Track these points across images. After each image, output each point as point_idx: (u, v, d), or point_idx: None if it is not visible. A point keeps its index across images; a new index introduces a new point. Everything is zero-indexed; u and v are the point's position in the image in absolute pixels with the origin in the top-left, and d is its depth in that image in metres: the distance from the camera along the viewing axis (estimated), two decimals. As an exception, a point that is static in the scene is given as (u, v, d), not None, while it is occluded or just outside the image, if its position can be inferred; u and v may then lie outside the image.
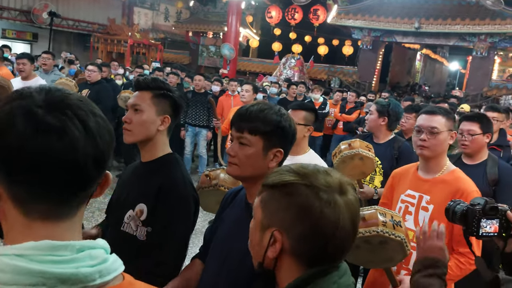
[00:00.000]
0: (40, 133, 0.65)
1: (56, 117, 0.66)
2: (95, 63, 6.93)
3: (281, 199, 0.96)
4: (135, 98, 1.80)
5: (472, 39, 16.25)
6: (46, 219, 0.70)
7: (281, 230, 0.95)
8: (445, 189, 2.15)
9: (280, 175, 0.99)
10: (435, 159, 2.24)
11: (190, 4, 22.49)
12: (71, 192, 0.70)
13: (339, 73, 19.45)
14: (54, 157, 0.65)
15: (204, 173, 2.29)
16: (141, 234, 1.72)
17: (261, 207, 1.01)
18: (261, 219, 0.99)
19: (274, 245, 0.96)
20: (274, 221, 0.97)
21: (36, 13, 16.28)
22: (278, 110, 1.49)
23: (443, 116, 2.23)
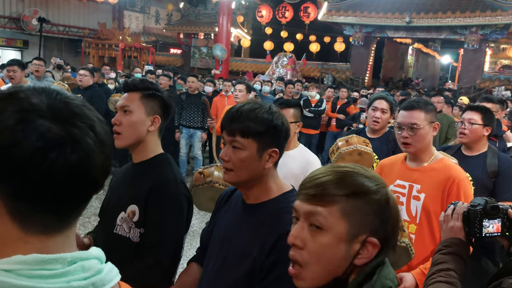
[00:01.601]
0: (50, 148, 0.60)
1: (66, 129, 0.62)
2: (86, 67, 6.88)
3: (369, 204, 0.95)
4: (124, 99, 1.78)
5: (463, 32, 16.32)
6: (45, 232, 0.66)
7: (372, 235, 0.96)
8: (436, 177, 2.14)
9: (369, 183, 0.97)
10: (422, 152, 2.23)
11: (180, 6, 22.46)
12: (79, 204, 0.68)
13: (332, 70, 19.48)
14: (68, 171, 0.62)
15: (198, 171, 2.27)
16: (134, 235, 1.71)
17: (343, 218, 0.94)
18: (346, 230, 0.94)
19: (366, 251, 0.95)
20: (363, 229, 0.95)
21: (25, 20, 16.20)
22: (269, 108, 1.44)
23: (422, 110, 2.20)
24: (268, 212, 1.43)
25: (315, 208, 0.96)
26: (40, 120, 0.61)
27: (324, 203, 0.96)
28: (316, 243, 0.96)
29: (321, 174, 0.99)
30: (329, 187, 0.96)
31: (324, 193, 0.96)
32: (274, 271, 1.33)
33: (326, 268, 0.96)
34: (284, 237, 1.33)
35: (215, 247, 1.54)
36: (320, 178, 0.98)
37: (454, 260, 1.39)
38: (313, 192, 0.97)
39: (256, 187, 1.45)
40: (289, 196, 1.48)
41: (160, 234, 1.66)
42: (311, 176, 1.01)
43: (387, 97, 3.39)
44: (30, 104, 0.62)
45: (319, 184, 0.97)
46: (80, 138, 0.63)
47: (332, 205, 0.95)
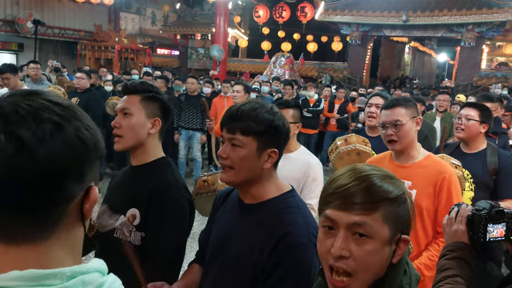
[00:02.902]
0: None
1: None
2: (83, 70, 6.85)
3: (401, 206, 1.00)
4: (124, 102, 1.77)
5: (460, 30, 16.36)
6: (18, 243, 0.63)
7: (403, 233, 1.02)
8: (426, 173, 2.18)
9: (394, 186, 1.00)
10: (408, 148, 2.27)
11: (176, 7, 22.42)
12: (37, 208, 0.63)
13: (329, 70, 19.49)
14: (9, 172, 0.59)
15: (202, 178, 2.24)
16: (135, 239, 1.69)
17: (385, 222, 0.98)
18: (388, 234, 0.98)
19: (399, 249, 1.01)
20: (398, 229, 1.00)
21: (20, 23, 16.14)
22: (271, 108, 1.44)
23: (402, 106, 2.25)
24: (267, 213, 1.42)
25: (357, 218, 0.96)
26: None
27: (365, 211, 0.96)
28: (363, 251, 0.97)
29: (348, 184, 0.98)
30: (365, 196, 0.97)
31: (362, 201, 0.96)
32: (276, 272, 1.33)
33: (374, 272, 0.99)
34: (285, 238, 1.34)
35: (214, 248, 1.54)
36: (349, 188, 0.98)
37: (459, 265, 1.38)
38: (349, 201, 0.97)
39: (254, 187, 1.45)
40: (288, 196, 1.47)
41: (163, 238, 1.64)
42: (337, 186, 1.00)
43: (382, 93, 3.45)
44: None
45: (352, 195, 0.97)
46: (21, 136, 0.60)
47: (373, 213, 0.97)
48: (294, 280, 1.32)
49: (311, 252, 1.34)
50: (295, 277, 1.32)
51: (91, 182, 0.70)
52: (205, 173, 2.36)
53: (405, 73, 25.24)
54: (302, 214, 1.43)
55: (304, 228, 1.38)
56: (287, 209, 1.42)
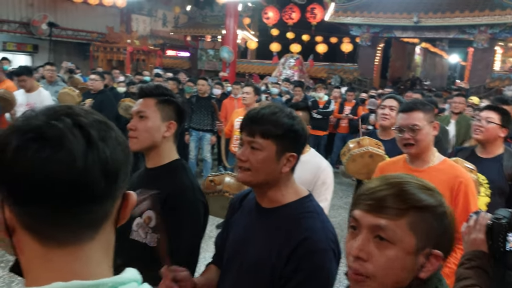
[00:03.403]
0: (34, 146, 0.59)
1: (52, 126, 0.60)
2: (96, 71, 6.93)
3: (436, 218, 0.96)
4: (140, 105, 1.79)
5: (472, 31, 16.21)
6: (61, 245, 0.63)
7: (435, 248, 0.97)
8: (442, 177, 2.13)
9: (428, 196, 0.97)
10: (424, 152, 2.24)
11: (187, 8, 22.51)
12: (79, 210, 0.62)
13: (339, 71, 19.43)
14: (53, 172, 0.59)
15: (209, 178, 2.27)
16: (151, 241, 1.71)
17: (412, 231, 0.94)
18: (414, 244, 0.95)
19: (430, 264, 0.97)
20: (428, 242, 0.96)
21: (35, 25, 16.35)
22: (290, 113, 1.44)
23: (420, 110, 2.21)
24: (284, 217, 1.42)
25: (381, 221, 0.95)
26: (31, 120, 0.62)
27: (391, 216, 0.94)
28: (383, 256, 0.95)
29: (379, 187, 0.98)
30: (394, 200, 0.95)
31: (391, 206, 0.95)
32: (294, 278, 1.32)
33: (393, 280, 0.96)
34: (304, 243, 1.33)
35: (231, 251, 1.54)
36: (380, 191, 0.97)
37: (478, 275, 1.36)
38: (378, 204, 0.96)
39: (271, 191, 1.44)
40: (306, 201, 1.47)
41: (178, 240, 1.66)
42: (369, 188, 1.00)
43: (396, 96, 3.41)
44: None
45: (381, 198, 0.96)
46: (65, 137, 0.60)
47: (399, 219, 0.94)
48: (313, 285, 1.32)
49: (329, 257, 1.35)
50: (313, 283, 1.32)
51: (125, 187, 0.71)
52: (213, 173, 2.39)
53: (415, 75, 25.05)
54: (320, 219, 1.42)
55: (322, 233, 1.38)
56: (305, 214, 1.42)
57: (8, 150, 0.59)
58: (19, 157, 0.58)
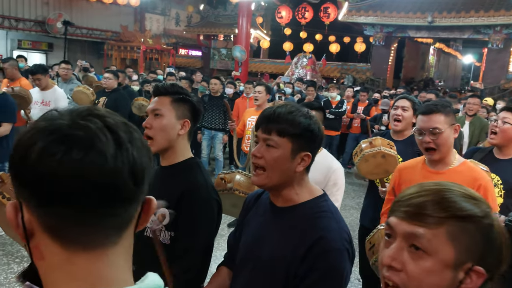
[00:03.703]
0: (62, 147, 0.58)
1: (83, 127, 0.59)
2: (110, 70, 7.00)
3: (479, 231, 0.87)
4: (155, 103, 1.81)
5: (487, 31, 16.02)
6: (87, 249, 0.61)
7: (478, 264, 0.88)
8: (461, 179, 2.06)
9: (473, 206, 0.88)
10: (446, 156, 2.21)
11: (200, 8, 22.60)
12: (105, 212, 0.61)
13: (352, 71, 19.35)
14: (83, 173, 0.58)
15: (219, 176, 2.29)
16: (165, 238, 1.73)
17: (450, 242, 0.87)
18: (453, 256, 0.86)
19: (470, 281, 0.88)
20: (470, 256, 0.87)
21: (50, 23, 16.55)
22: (307, 112, 1.44)
23: (442, 113, 2.17)
24: (299, 216, 1.42)
25: (417, 229, 0.88)
26: (58, 121, 0.62)
27: (428, 224, 0.87)
28: (418, 267, 0.88)
29: (420, 193, 0.91)
30: (433, 208, 0.88)
31: (428, 213, 0.88)
32: (309, 277, 1.33)
33: None
34: (319, 242, 1.33)
35: (246, 250, 1.54)
36: (421, 197, 0.90)
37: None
38: (414, 211, 0.89)
39: (286, 190, 1.45)
40: (321, 201, 1.47)
41: (192, 238, 1.68)
42: (406, 194, 0.94)
43: (408, 96, 3.38)
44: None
45: (421, 204, 0.89)
46: (96, 137, 0.60)
47: (437, 228, 0.87)
48: (327, 285, 1.32)
49: (344, 257, 1.35)
50: (328, 283, 1.32)
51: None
52: (224, 171, 2.40)
53: (429, 75, 24.84)
54: (335, 219, 1.43)
55: (337, 233, 1.38)
56: (320, 214, 1.42)
57: (33, 151, 0.58)
58: (44, 158, 0.57)
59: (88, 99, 5.55)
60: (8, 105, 4.51)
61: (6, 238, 4.52)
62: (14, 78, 5.76)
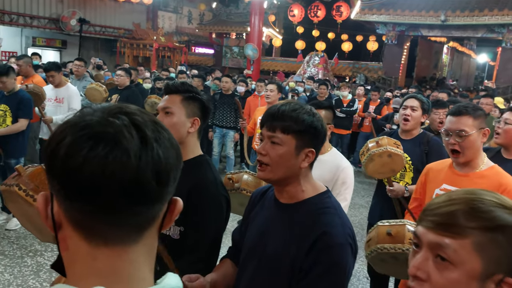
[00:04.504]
0: (90, 142, 0.59)
1: (110, 124, 0.61)
2: (123, 67, 7.07)
3: (507, 241, 0.84)
4: (166, 101, 1.84)
5: (501, 30, 15.84)
6: (108, 245, 0.63)
7: (509, 275, 0.85)
8: (485, 184, 2.06)
9: (494, 213, 0.85)
10: (472, 160, 2.19)
11: (212, 6, 22.66)
12: (127, 210, 0.62)
13: (364, 70, 19.27)
14: (106, 169, 0.59)
15: (227, 176, 2.32)
16: (174, 233, 1.77)
17: (477, 254, 0.84)
18: (480, 268, 0.84)
19: None
20: (500, 267, 0.85)
21: (64, 21, 16.72)
22: (310, 110, 1.47)
23: (471, 115, 2.14)
24: (303, 212, 1.45)
25: (443, 240, 0.86)
26: (88, 117, 0.63)
27: (455, 235, 0.85)
28: (443, 278, 0.86)
29: (449, 202, 0.89)
30: (461, 217, 0.86)
31: (455, 223, 0.86)
32: (312, 272, 1.36)
33: None
34: (323, 238, 1.36)
35: (250, 245, 1.57)
36: (449, 206, 0.88)
37: None
38: (441, 220, 0.88)
39: (290, 186, 1.48)
40: (325, 197, 1.50)
41: (201, 234, 1.71)
42: (434, 203, 0.92)
43: (418, 95, 3.38)
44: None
45: (448, 213, 0.87)
46: (121, 135, 0.61)
47: (464, 238, 0.85)
48: (330, 279, 1.35)
49: (347, 252, 1.38)
50: (331, 277, 1.35)
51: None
52: (231, 171, 2.44)
53: (442, 74, 24.61)
54: (338, 214, 1.45)
55: (341, 228, 1.41)
56: (324, 210, 1.45)
57: (63, 145, 0.60)
58: (73, 153, 0.59)
59: (101, 96, 5.62)
60: (25, 101, 4.61)
61: (20, 232, 4.62)
62: (28, 75, 5.86)
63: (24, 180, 1.48)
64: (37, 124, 5.64)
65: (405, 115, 3.19)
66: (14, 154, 4.66)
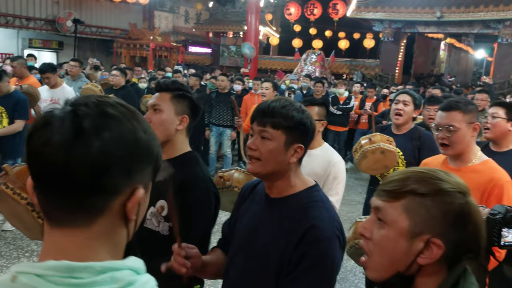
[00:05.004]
0: (38, 133, 0.66)
1: (48, 114, 0.66)
2: (119, 67, 7.08)
3: (437, 206, 0.96)
4: (155, 98, 1.87)
5: (496, 26, 15.85)
6: (61, 227, 0.68)
7: (437, 237, 0.95)
8: (477, 178, 2.09)
9: (430, 183, 0.97)
10: (462, 153, 2.21)
11: (209, 5, 22.67)
12: (82, 195, 0.66)
13: (361, 67, 19.29)
14: (42, 157, 0.64)
15: (218, 175, 2.34)
16: (164, 229, 1.78)
17: (405, 214, 0.97)
18: (407, 226, 0.97)
19: (430, 252, 0.96)
20: (428, 228, 0.96)
21: (60, 22, 16.70)
22: (300, 107, 1.51)
23: (460, 110, 2.16)
24: (293, 206, 1.48)
25: (380, 204, 1.01)
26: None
27: (389, 199, 1.00)
28: (379, 235, 1.00)
29: (394, 174, 1.04)
30: (396, 184, 1.00)
31: (391, 189, 1.00)
32: (302, 264, 1.38)
33: (387, 260, 1.00)
34: (311, 231, 1.39)
35: (240, 238, 1.60)
36: (393, 177, 1.03)
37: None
38: (382, 188, 1.03)
39: (280, 181, 1.51)
40: (313, 191, 1.53)
41: (189, 230, 1.71)
42: (388, 177, 1.06)
43: (409, 91, 3.43)
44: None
45: (388, 183, 1.03)
46: (53, 121, 0.66)
47: (395, 201, 0.99)
48: (319, 272, 1.38)
49: (335, 245, 1.41)
50: (319, 269, 1.38)
51: (138, 184, 0.71)
52: (222, 170, 2.46)
53: (440, 70, 24.62)
54: (326, 208, 1.48)
55: (329, 221, 1.43)
56: (313, 203, 1.48)
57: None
58: (32, 141, 0.67)
59: (96, 96, 5.63)
60: (20, 103, 4.63)
61: (16, 232, 4.63)
62: (23, 76, 5.86)
63: (11, 178, 1.51)
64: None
65: (397, 109, 3.22)
66: (11, 155, 4.68)
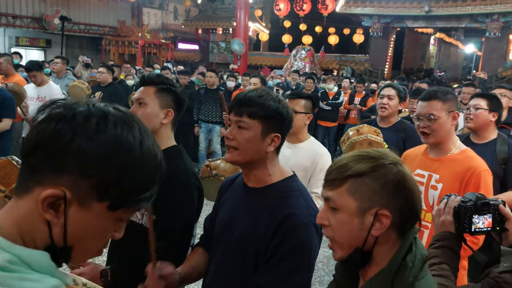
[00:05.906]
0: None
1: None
2: (105, 64, 7.04)
3: (375, 181, 1.04)
4: (140, 92, 1.87)
5: (484, 20, 15.97)
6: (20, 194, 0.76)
7: (383, 208, 1.04)
8: (455, 167, 2.15)
9: (364, 163, 1.06)
10: (442, 142, 2.25)
11: (198, 1, 22.56)
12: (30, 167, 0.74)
13: (350, 62, 19.34)
14: None
15: (205, 164, 2.36)
16: (147, 222, 1.78)
17: (351, 196, 1.06)
18: (356, 206, 1.06)
19: (380, 223, 1.05)
20: (374, 203, 1.05)
21: (48, 20, 16.54)
22: (276, 96, 1.52)
23: (439, 99, 2.20)
24: (270, 196, 1.50)
25: (328, 193, 1.09)
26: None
27: (333, 187, 1.08)
28: (336, 221, 1.09)
29: (334, 163, 1.12)
30: (336, 172, 1.08)
31: (332, 178, 1.09)
32: (279, 252, 1.40)
33: (347, 240, 1.08)
34: (288, 219, 1.41)
35: (219, 228, 1.62)
36: (333, 167, 1.11)
37: (445, 254, 1.42)
38: (326, 178, 1.11)
39: (257, 170, 1.53)
40: (291, 181, 1.55)
41: (171, 222, 1.72)
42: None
43: (394, 84, 3.47)
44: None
45: (328, 173, 1.11)
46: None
47: (339, 188, 1.07)
48: (296, 258, 1.41)
49: (311, 231, 1.44)
50: (296, 256, 1.41)
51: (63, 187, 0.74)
52: (209, 159, 2.48)
53: (429, 65, 24.77)
54: (303, 197, 1.52)
55: (305, 209, 1.47)
56: (290, 193, 1.51)
57: None
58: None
59: (83, 94, 5.60)
60: (7, 101, 4.57)
61: None
62: (9, 73, 5.79)
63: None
64: (19, 124, 5.59)
65: (382, 104, 3.26)
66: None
